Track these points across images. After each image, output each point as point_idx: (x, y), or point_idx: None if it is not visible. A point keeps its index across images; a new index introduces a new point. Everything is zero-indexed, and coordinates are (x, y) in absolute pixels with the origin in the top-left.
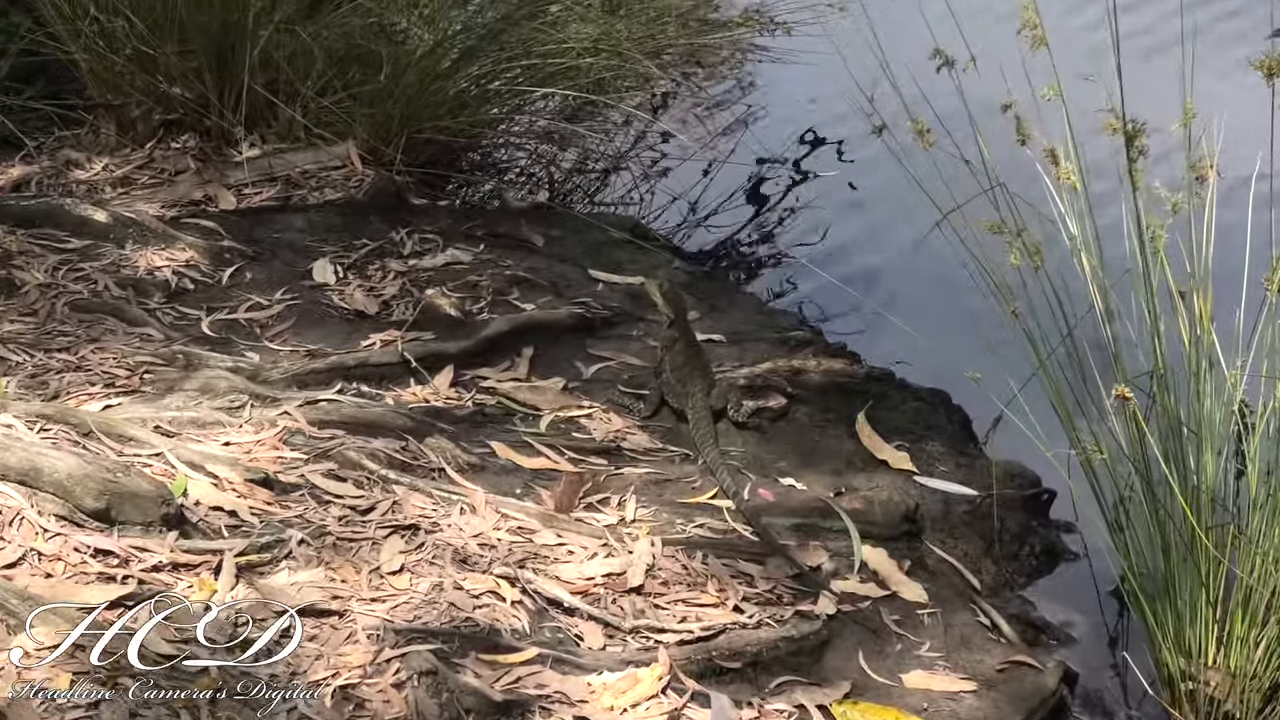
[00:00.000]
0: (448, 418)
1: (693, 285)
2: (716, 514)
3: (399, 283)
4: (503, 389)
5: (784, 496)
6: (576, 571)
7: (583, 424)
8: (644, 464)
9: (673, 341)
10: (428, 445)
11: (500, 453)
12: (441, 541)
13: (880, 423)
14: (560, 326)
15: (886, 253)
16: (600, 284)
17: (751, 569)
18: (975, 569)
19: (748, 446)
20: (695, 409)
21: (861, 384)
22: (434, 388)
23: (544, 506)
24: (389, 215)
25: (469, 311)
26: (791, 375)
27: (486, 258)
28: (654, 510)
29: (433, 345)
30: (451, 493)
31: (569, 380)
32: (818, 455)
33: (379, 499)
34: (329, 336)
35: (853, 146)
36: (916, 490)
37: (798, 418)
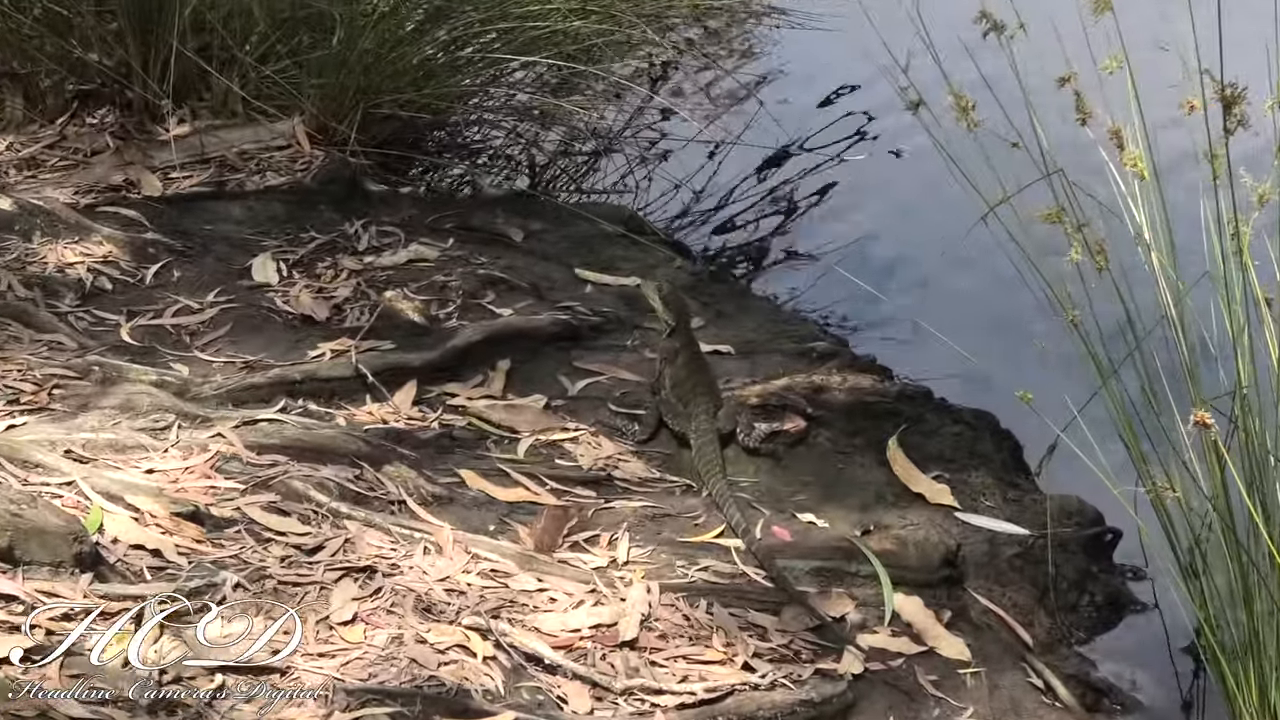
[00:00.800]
0: (409, 441)
1: (697, 287)
2: (723, 555)
3: (353, 283)
4: (474, 408)
5: (802, 535)
6: (559, 622)
7: (567, 449)
8: (639, 496)
9: (673, 353)
10: (386, 474)
11: (471, 482)
12: (401, 586)
13: (915, 449)
14: (542, 335)
15: (923, 251)
16: (589, 286)
17: (764, 620)
18: (1026, 621)
19: (760, 476)
20: (699, 432)
21: (893, 404)
22: (394, 406)
23: (522, 546)
24: (342, 204)
25: (435, 317)
26: (812, 393)
27: (456, 254)
28: (650, 550)
29: (392, 356)
30: (413, 529)
31: (551, 398)
32: (842, 487)
33: (328, 536)
34: (270, 346)
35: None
36: (958, 529)
37: (819, 443)
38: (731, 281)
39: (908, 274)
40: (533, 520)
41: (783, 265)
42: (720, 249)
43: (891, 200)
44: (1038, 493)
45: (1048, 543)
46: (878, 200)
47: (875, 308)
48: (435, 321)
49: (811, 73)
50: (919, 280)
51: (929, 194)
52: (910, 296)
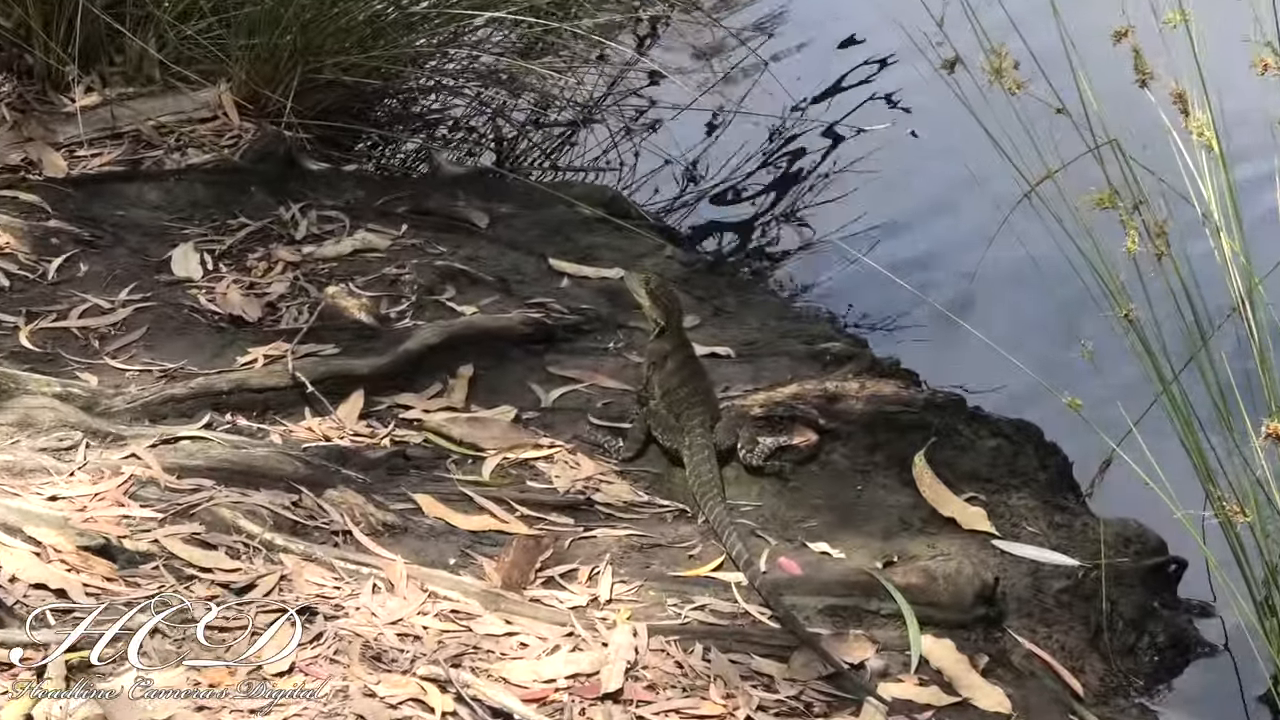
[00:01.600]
0: (356, 462)
1: (691, 280)
2: (722, 592)
3: (290, 277)
4: (431, 422)
5: (815, 568)
6: (531, 671)
7: (541, 469)
8: (624, 524)
9: (663, 357)
10: (328, 499)
11: (428, 509)
12: (347, 631)
13: (946, 467)
14: (510, 337)
15: (955, 235)
16: (565, 279)
17: (770, 668)
18: (1076, 667)
19: (765, 499)
20: (694, 448)
21: (920, 414)
22: (337, 421)
23: (487, 582)
24: (276, 185)
25: (386, 316)
26: (825, 402)
27: (410, 243)
28: (637, 587)
29: (336, 363)
30: (360, 564)
31: (522, 410)
32: (860, 511)
33: (261, 573)
34: (193, 351)
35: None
36: (996, 559)
37: (833, 460)
38: (731, 273)
39: (937, 263)
40: (500, 552)
41: (791, 254)
42: (718, 235)
43: (918, 177)
44: (1089, 517)
45: (1101, 575)
46: (902, 178)
47: (899, 302)
48: (386, 321)
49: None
50: (950, 270)
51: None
52: (939, 289)
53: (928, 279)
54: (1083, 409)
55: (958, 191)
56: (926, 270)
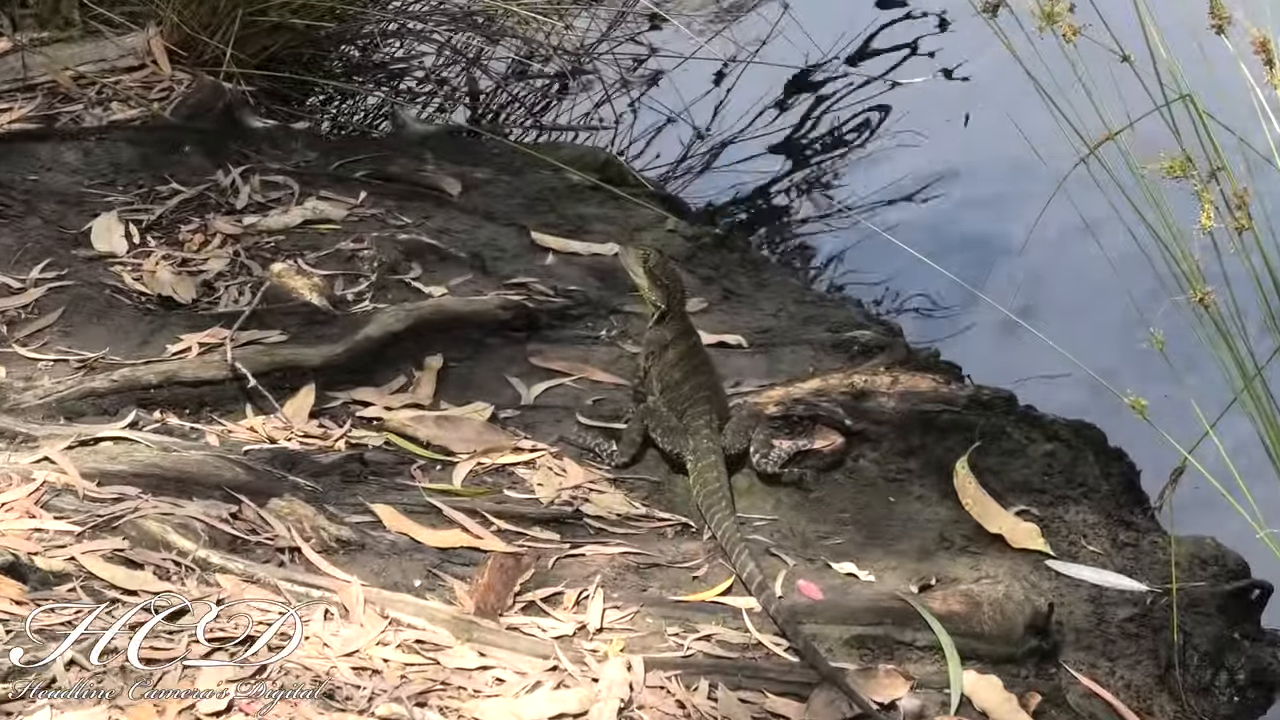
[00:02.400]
0: (306, 467)
1: (696, 257)
2: (732, 620)
3: (229, 252)
4: (394, 421)
5: (839, 592)
6: (509, 712)
7: (521, 476)
8: (617, 540)
9: (664, 346)
10: (273, 511)
11: (389, 522)
12: (294, 664)
13: (994, 475)
14: (486, 322)
15: (1003, 207)
16: (550, 255)
17: (787, 708)
18: (1143, 708)
19: (782, 512)
20: (699, 453)
21: (962, 414)
22: (284, 419)
23: (458, 607)
24: (214, 145)
25: (341, 299)
26: (852, 400)
27: (369, 213)
28: (633, 614)
29: (283, 352)
30: (310, 586)
31: (499, 407)
32: (893, 527)
33: (195, 597)
34: (117, 338)
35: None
36: (1050, 583)
37: (861, 467)
38: (743, 249)
39: (981, 238)
40: (473, 573)
41: (813, 227)
42: (728, 205)
43: (960, 139)
44: (1159, 534)
45: (1173, 602)
46: (942, 140)
47: (938, 285)
48: (341, 304)
49: None
50: (996, 248)
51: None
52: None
53: (971, 258)
54: (1150, 410)
55: (1006, 157)
56: (970, 248)
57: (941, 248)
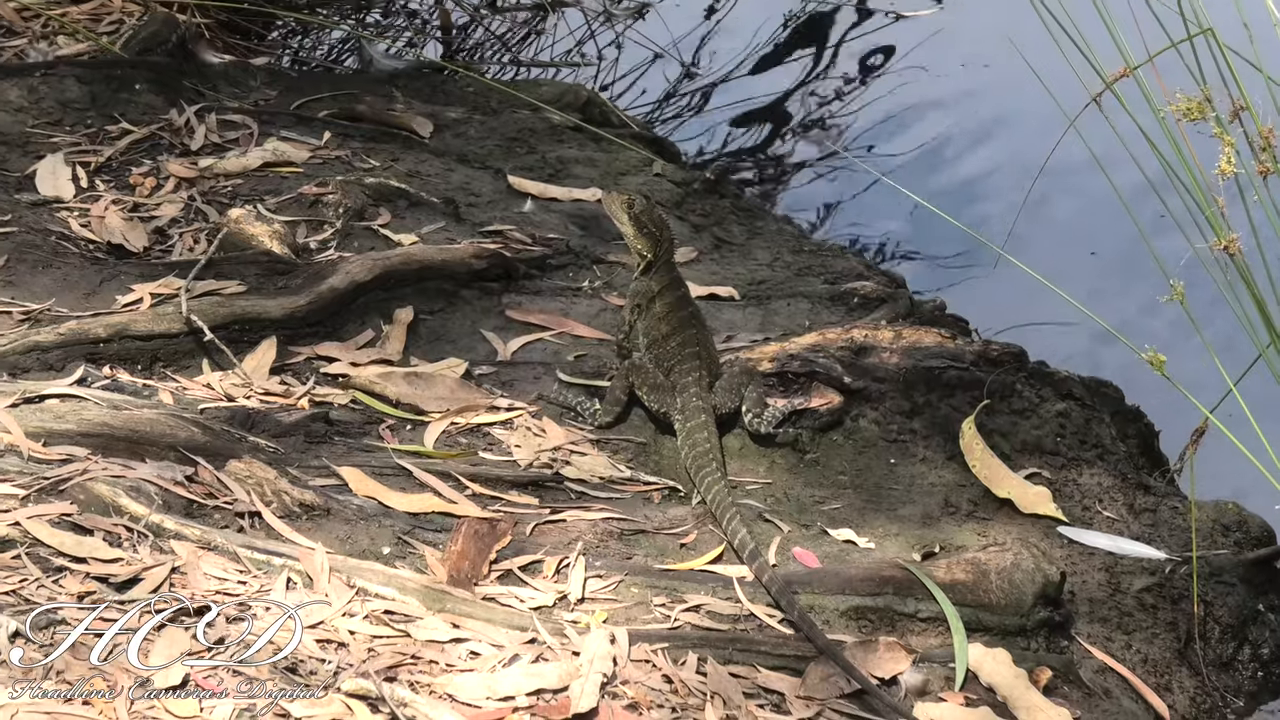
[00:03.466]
0: (267, 426)
1: (686, 203)
2: (722, 589)
3: (183, 197)
4: (361, 378)
5: (837, 561)
6: (484, 686)
7: (497, 437)
8: (600, 505)
9: (650, 298)
10: (232, 473)
11: (356, 486)
12: (254, 636)
13: (1002, 436)
14: (460, 273)
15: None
16: (528, 201)
17: (780, 683)
18: (1161, 683)
19: (777, 475)
20: (688, 412)
21: (969, 370)
22: (243, 375)
23: (430, 576)
24: (168, 82)
25: (304, 247)
26: (852, 355)
27: (334, 155)
28: (616, 583)
29: (242, 304)
30: (271, 553)
31: (474, 363)
32: (895, 491)
33: (147, 565)
34: (64, 288)
35: None
36: (1062, 550)
37: (861, 428)
38: (736, 194)
39: (990, 182)
40: (446, 540)
41: (811, 171)
42: (720, 147)
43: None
44: (1179, 499)
45: (1193, 571)
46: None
47: (943, 232)
48: (304, 253)
49: None
50: (1005, 193)
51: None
52: (993, 215)
53: (979, 203)
54: (1169, 366)
55: (1016, 94)
56: (977, 193)
57: (949, 194)
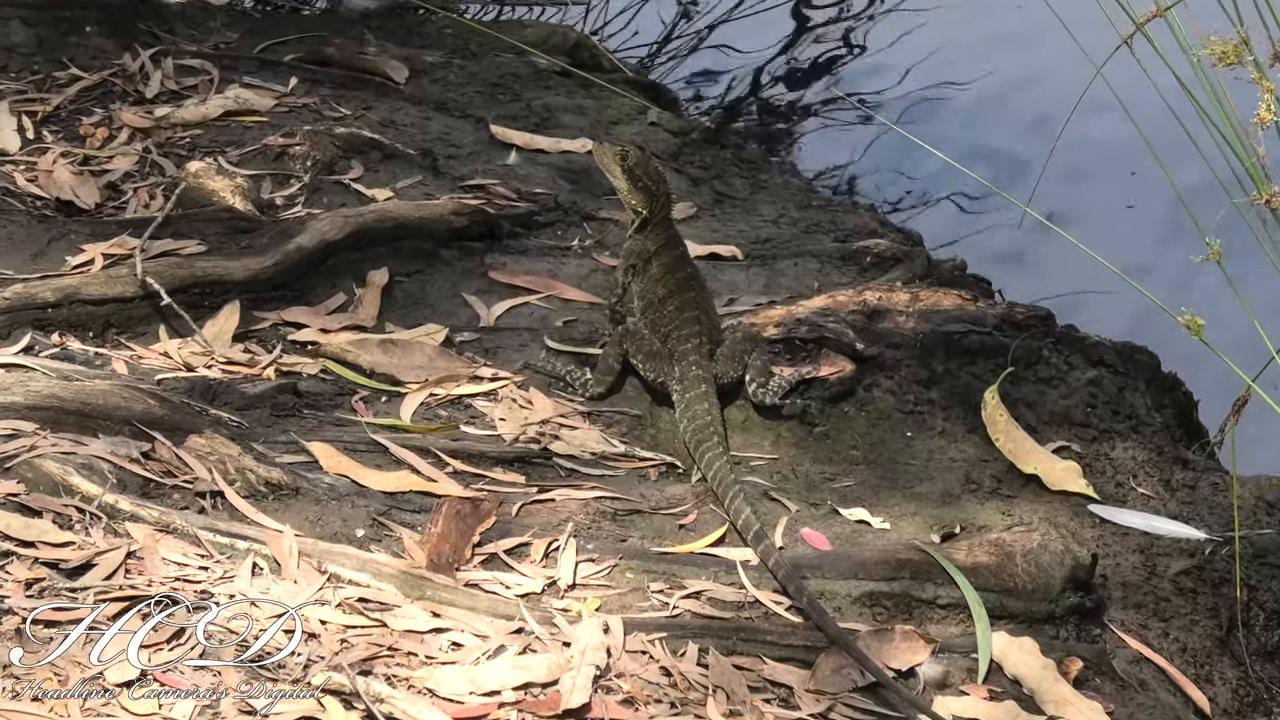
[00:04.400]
0: (230, 398)
1: (684, 154)
2: (725, 574)
3: (138, 149)
4: (332, 346)
5: (849, 542)
6: (467, 680)
7: (480, 410)
8: (592, 483)
9: (646, 258)
10: (192, 449)
11: (327, 463)
12: (218, 627)
13: (1028, 406)
14: (439, 231)
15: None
16: (512, 153)
17: (789, 675)
18: (1201, 674)
19: (783, 450)
20: (687, 382)
21: (992, 335)
22: (204, 343)
23: (408, 561)
24: (120, 25)
25: (269, 203)
26: (864, 320)
27: (302, 103)
28: (610, 567)
29: (202, 265)
30: (236, 537)
31: (455, 329)
32: (912, 467)
33: (101, 549)
34: (8, 249)
35: None
36: (1094, 530)
37: (875, 398)
38: (738, 144)
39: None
40: (425, 521)
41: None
42: (720, 94)
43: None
44: (1219, 474)
45: (1235, 552)
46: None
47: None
48: (269, 210)
49: None
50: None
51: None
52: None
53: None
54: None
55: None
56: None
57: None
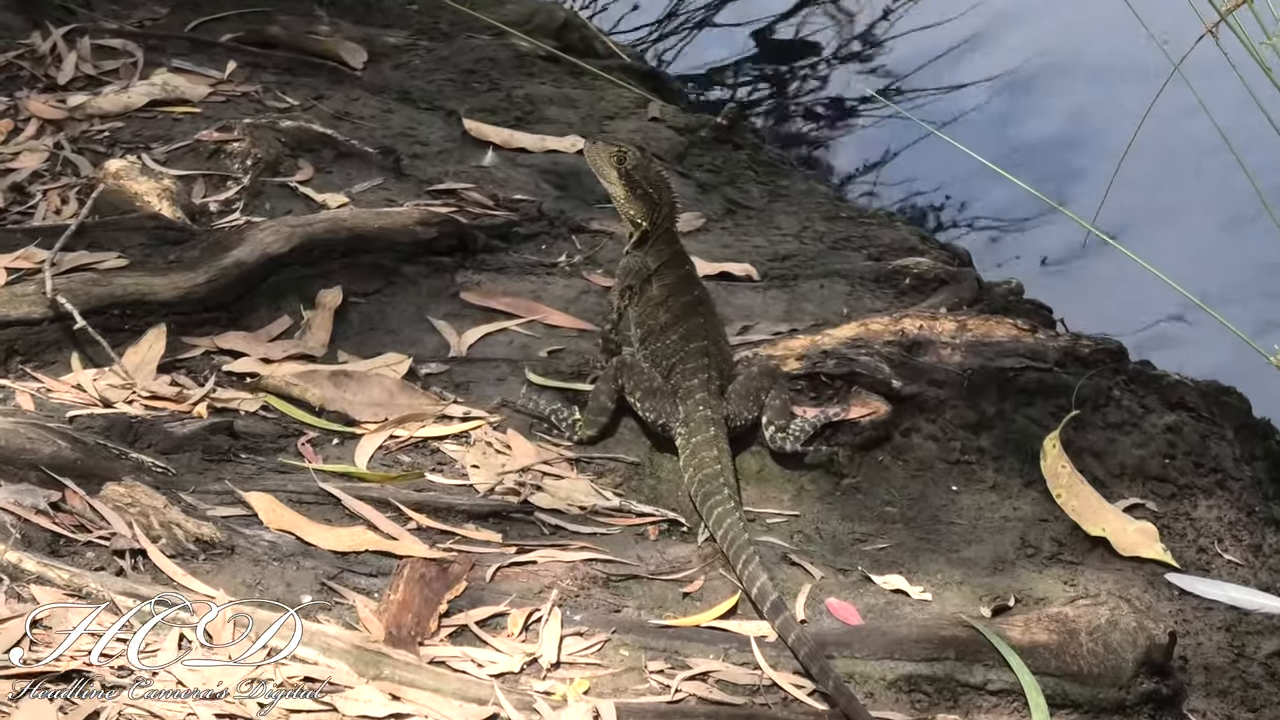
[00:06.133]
0: (154, 439)
1: (691, 156)
2: (736, 652)
3: (49, 144)
4: (275, 379)
5: (883, 615)
6: None
7: (449, 455)
8: (580, 542)
9: (645, 278)
10: (110, 499)
11: (268, 516)
12: (138, 711)
13: (1096, 457)
14: (402, 243)
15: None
16: (489, 151)
17: None
18: None
19: (806, 506)
20: (692, 425)
21: (1055, 373)
22: (125, 374)
23: (362, 633)
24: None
25: (202, 210)
26: (902, 352)
27: (241, 91)
28: (601, 643)
29: (123, 282)
30: (162, 603)
31: (421, 360)
32: (958, 526)
33: (2, 615)
34: None
35: None
36: (1172, 604)
37: (915, 445)
38: (754, 144)
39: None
40: (384, 586)
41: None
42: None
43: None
44: None
45: None
46: None
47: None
48: (202, 217)
49: None
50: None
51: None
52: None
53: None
54: None
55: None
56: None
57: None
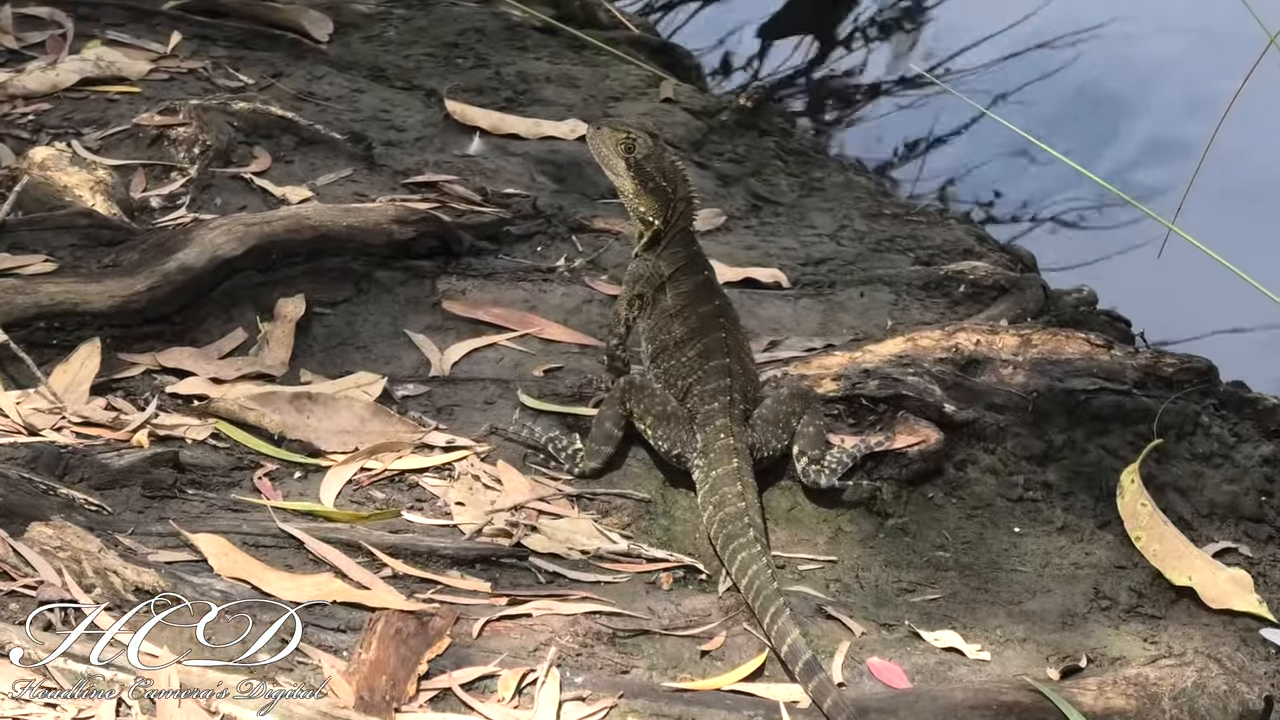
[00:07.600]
0: (87, 473)
1: (711, 143)
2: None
3: None
4: (228, 401)
5: (934, 677)
6: None
7: (429, 490)
8: (581, 592)
9: (657, 285)
10: (36, 542)
11: (220, 561)
12: None
13: (1184, 494)
14: (375, 245)
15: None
16: (475, 139)
17: None
18: None
19: (844, 550)
20: (712, 455)
21: (1134, 395)
22: (52, 396)
23: (330, 699)
24: None
25: (142, 205)
26: (956, 371)
27: (187, 68)
28: (607, 709)
29: (51, 289)
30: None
31: (396, 380)
32: (1021, 574)
33: None
34: None
35: None
36: (1269, 663)
37: (971, 480)
38: (783, 129)
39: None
40: (354, 643)
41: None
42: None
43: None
44: None
45: None
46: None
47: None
48: (142, 215)
49: None
50: (1176, 140)
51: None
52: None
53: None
54: None
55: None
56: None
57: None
